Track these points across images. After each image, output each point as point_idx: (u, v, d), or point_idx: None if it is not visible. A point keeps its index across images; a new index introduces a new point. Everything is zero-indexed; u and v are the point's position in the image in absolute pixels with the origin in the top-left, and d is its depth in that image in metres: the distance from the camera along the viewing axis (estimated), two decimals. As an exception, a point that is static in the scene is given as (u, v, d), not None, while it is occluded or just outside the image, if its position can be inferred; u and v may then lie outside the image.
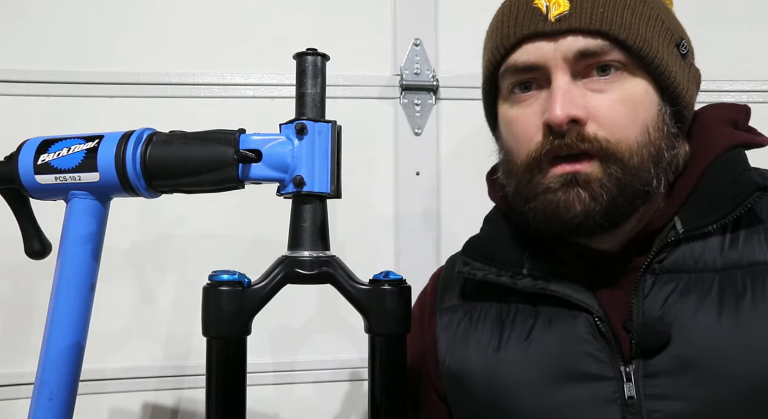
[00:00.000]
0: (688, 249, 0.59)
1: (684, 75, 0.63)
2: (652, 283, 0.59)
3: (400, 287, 0.60)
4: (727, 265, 0.58)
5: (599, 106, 0.59)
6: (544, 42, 0.59)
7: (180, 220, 1.06)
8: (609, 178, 0.58)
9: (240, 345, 0.59)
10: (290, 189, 0.61)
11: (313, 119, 0.61)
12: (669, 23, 0.63)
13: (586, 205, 0.58)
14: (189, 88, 1.08)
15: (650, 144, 0.59)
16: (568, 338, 0.61)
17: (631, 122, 0.59)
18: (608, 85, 0.59)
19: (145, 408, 1.05)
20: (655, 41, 0.60)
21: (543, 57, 0.60)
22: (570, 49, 0.59)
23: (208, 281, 0.58)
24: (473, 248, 0.70)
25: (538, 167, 0.60)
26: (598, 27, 0.58)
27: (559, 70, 0.59)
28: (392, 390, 0.61)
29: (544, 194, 0.60)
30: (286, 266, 0.60)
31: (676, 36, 0.63)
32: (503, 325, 0.66)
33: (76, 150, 0.63)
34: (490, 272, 0.66)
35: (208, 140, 0.61)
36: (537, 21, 0.60)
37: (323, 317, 1.08)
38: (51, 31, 1.06)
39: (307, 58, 0.62)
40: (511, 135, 0.64)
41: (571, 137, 0.58)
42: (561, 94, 0.58)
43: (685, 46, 0.64)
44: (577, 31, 0.58)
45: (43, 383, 0.62)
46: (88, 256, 0.64)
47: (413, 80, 1.10)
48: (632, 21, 0.59)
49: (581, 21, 0.58)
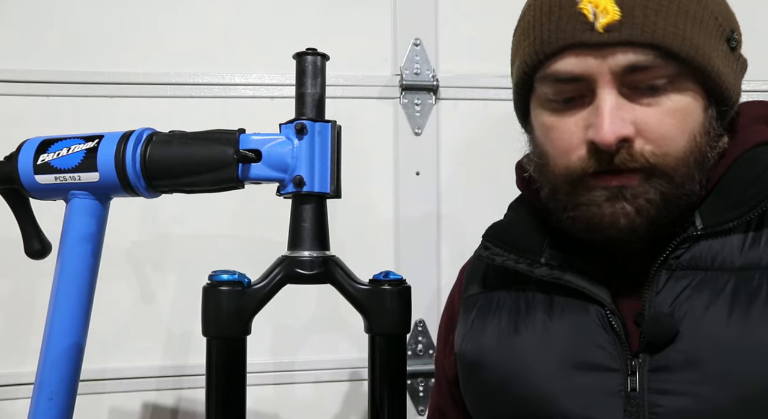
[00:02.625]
0: (706, 246, 0.57)
1: (732, 72, 0.60)
2: (666, 279, 0.58)
3: (400, 287, 0.60)
4: (745, 265, 0.56)
5: (647, 119, 0.56)
6: (590, 54, 0.55)
7: (180, 220, 1.06)
8: (655, 192, 0.56)
9: (240, 345, 0.59)
10: (290, 189, 0.61)
11: (313, 118, 0.61)
12: (721, 17, 0.58)
13: (631, 220, 0.57)
14: (189, 88, 1.08)
15: (696, 150, 0.57)
16: (580, 328, 0.61)
17: (679, 133, 0.56)
18: (656, 98, 0.56)
19: (145, 408, 1.05)
20: (708, 46, 0.56)
21: (588, 70, 0.55)
22: (620, 63, 0.54)
23: (208, 281, 0.58)
24: (494, 234, 0.69)
25: (582, 181, 0.58)
26: (650, 40, 0.53)
27: (606, 85, 0.55)
28: (392, 390, 0.61)
29: (587, 205, 0.58)
30: (286, 266, 0.60)
31: (727, 30, 0.59)
32: (518, 312, 0.66)
33: (75, 150, 0.63)
34: (509, 259, 0.65)
35: (208, 140, 0.61)
36: (583, 30, 0.54)
37: (323, 317, 1.08)
38: (51, 31, 1.06)
39: (307, 58, 0.62)
40: (549, 142, 0.61)
41: (620, 157, 0.55)
42: (609, 112, 0.54)
43: (735, 39, 0.60)
44: (629, 45, 0.54)
45: (43, 383, 0.63)
46: (88, 256, 0.64)
47: (413, 80, 1.10)
48: (686, 27, 0.54)
49: (632, 32, 0.53)
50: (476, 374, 0.68)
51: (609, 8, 0.53)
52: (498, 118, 0.75)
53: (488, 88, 1.11)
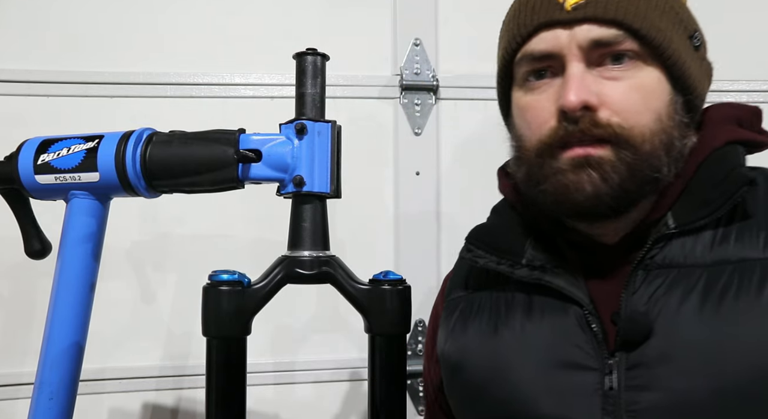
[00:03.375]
0: (679, 244, 0.60)
1: (696, 66, 0.63)
2: (643, 278, 0.59)
3: (399, 287, 0.60)
4: (716, 261, 0.58)
5: (612, 93, 0.59)
6: (560, 30, 0.60)
7: (180, 220, 1.06)
8: (620, 162, 0.59)
9: (240, 345, 0.59)
10: (290, 189, 0.61)
11: (313, 118, 0.61)
12: (683, 15, 0.63)
13: (596, 186, 0.59)
14: (189, 88, 1.08)
15: (662, 131, 0.60)
16: (559, 328, 0.62)
17: (644, 109, 0.60)
18: (622, 73, 0.60)
19: (145, 408, 1.05)
20: (669, 31, 0.60)
21: (558, 45, 0.60)
22: (585, 37, 0.59)
23: (208, 281, 0.58)
24: (477, 236, 0.71)
25: (550, 152, 0.61)
26: (612, 16, 0.59)
27: (573, 58, 0.60)
28: (392, 390, 0.61)
29: (555, 175, 0.60)
30: (286, 266, 0.60)
31: (689, 28, 0.64)
32: (499, 313, 0.67)
33: (76, 150, 0.63)
34: (491, 261, 0.67)
35: (208, 140, 0.61)
36: (554, 10, 0.61)
37: (323, 317, 1.08)
38: (51, 31, 1.06)
39: (307, 58, 0.62)
40: (524, 121, 0.65)
41: (584, 123, 0.59)
42: (575, 80, 0.59)
43: (698, 39, 0.64)
44: (593, 20, 0.59)
45: (43, 383, 0.63)
46: (88, 256, 0.64)
47: (413, 80, 1.10)
48: (647, 11, 0.59)
49: (596, 10, 0.59)
50: (458, 375, 0.68)
51: None
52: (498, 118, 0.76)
53: (488, 88, 1.10)
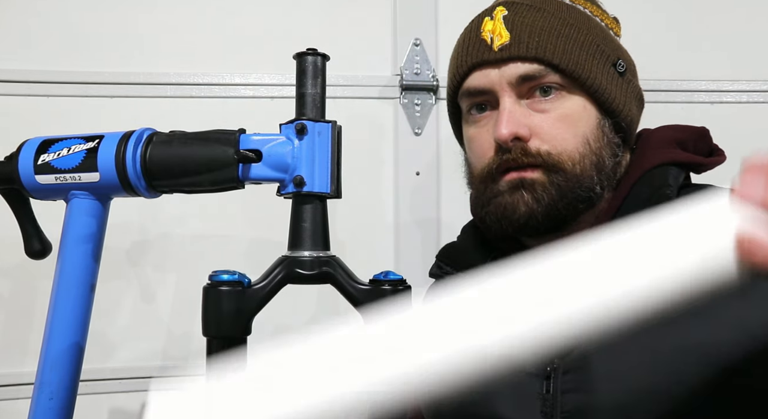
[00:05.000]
0: None
1: (621, 91, 0.70)
2: None
3: (400, 288, 0.60)
4: None
5: (541, 123, 0.66)
6: (491, 69, 0.68)
7: (180, 220, 1.06)
8: (551, 184, 0.65)
9: (240, 345, 0.59)
10: (290, 189, 0.61)
11: (313, 119, 0.61)
12: (604, 46, 0.70)
13: (529, 206, 0.66)
14: (189, 88, 1.08)
15: (591, 153, 0.67)
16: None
17: (571, 136, 0.66)
18: (549, 104, 0.67)
19: (145, 408, 1.05)
20: (589, 63, 0.67)
21: (490, 82, 0.68)
22: (513, 74, 0.67)
23: (208, 281, 0.58)
24: (446, 254, 0.79)
25: (492, 177, 0.68)
26: (534, 54, 0.66)
27: (504, 93, 0.67)
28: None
29: (495, 197, 0.68)
30: (286, 266, 0.60)
31: (612, 56, 0.70)
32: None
33: (76, 150, 0.63)
34: (456, 277, 0.73)
35: (208, 140, 0.61)
36: (483, 51, 0.68)
37: (323, 317, 1.08)
38: (51, 31, 1.06)
39: (307, 58, 0.62)
40: (471, 151, 0.73)
41: (515, 153, 0.66)
42: (506, 114, 0.66)
43: (623, 65, 0.70)
44: (517, 59, 0.66)
45: (43, 383, 0.63)
46: (88, 256, 0.64)
47: (413, 80, 1.10)
48: (566, 47, 0.67)
49: (520, 50, 0.66)
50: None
51: (503, 33, 0.67)
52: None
53: (488, 89, 1.11)
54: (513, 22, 0.68)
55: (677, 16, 1.19)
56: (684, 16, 1.19)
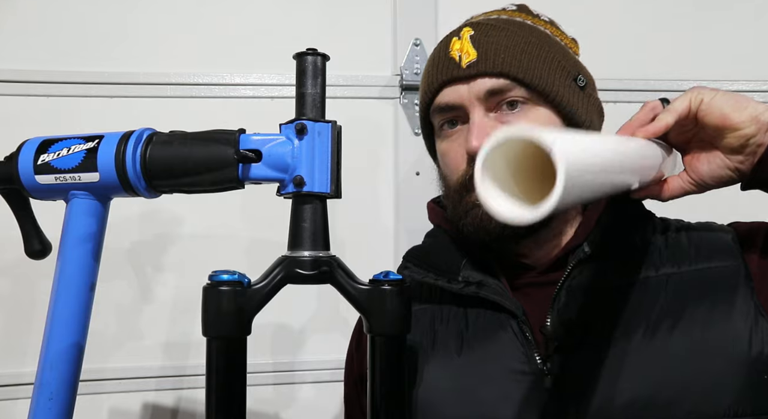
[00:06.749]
0: (595, 267, 0.70)
1: (582, 104, 0.74)
2: (565, 296, 0.69)
3: (400, 288, 0.60)
4: (623, 282, 0.70)
5: None
6: (460, 85, 0.71)
7: (180, 220, 1.06)
8: None
9: (240, 345, 0.59)
10: (290, 189, 0.61)
11: (313, 119, 0.61)
12: (565, 62, 0.73)
13: None
14: (189, 88, 1.08)
15: None
16: (497, 339, 0.71)
17: None
18: (516, 117, 0.70)
19: (145, 408, 1.05)
20: (551, 78, 0.71)
21: (460, 97, 0.71)
22: (480, 89, 0.70)
23: (208, 281, 0.58)
24: (414, 255, 0.80)
25: (466, 189, 0.71)
26: (500, 70, 0.69)
27: (474, 107, 0.70)
28: (392, 390, 0.61)
29: (471, 209, 0.70)
30: (286, 266, 0.60)
31: (573, 72, 0.74)
32: (435, 330, 0.75)
33: (76, 150, 0.63)
34: (428, 276, 0.76)
35: (208, 140, 0.61)
36: (453, 68, 0.71)
37: (323, 317, 1.08)
38: (51, 31, 1.06)
39: (307, 58, 0.62)
40: (445, 165, 0.76)
41: None
42: (476, 127, 0.69)
43: (583, 80, 0.74)
44: (484, 75, 0.70)
45: (43, 383, 0.63)
46: (88, 256, 0.64)
47: (413, 80, 1.10)
48: (529, 63, 0.70)
49: (486, 66, 0.70)
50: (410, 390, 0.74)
51: (470, 51, 0.71)
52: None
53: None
54: (479, 41, 0.71)
55: (677, 16, 1.19)
56: (684, 16, 1.19)
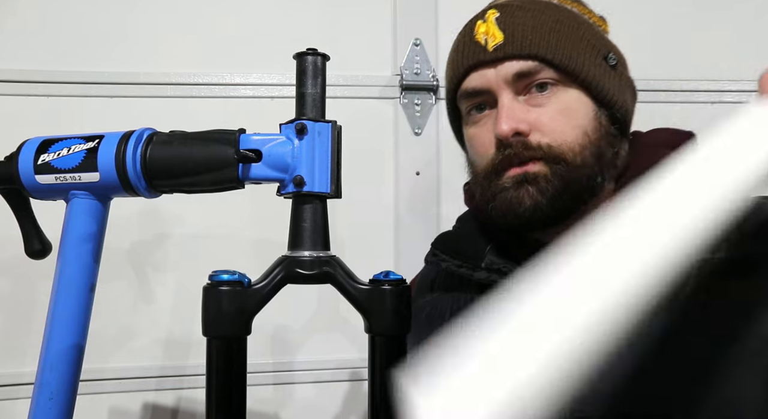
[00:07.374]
0: None
1: (614, 83, 0.71)
2: None
3: (400, 288, 0.60)
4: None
5: (540, 118, 0.68)
6: (487, 69, 0.69)
7: (180, 220, 1.06)
8: (554, 175, 0.67)
9: (240, 345, 0.59)
10: (290, 189, 0.61)
11: (313, 118, 0.61)
12: (594, 40, 0.71)
13: (534, 199, 0.66)
14: (189, 88, 1.08)
15: (590, 144, 0.68)
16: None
17: (570, 128, 0.68)
18: (546, 99, 0.68)
19: (145, 408, 1.05)
20: (581, 57, 0.69)
21: (487, 82, 0.69)
22: (508, 72, 0.68)
23: (208, 281, 0.58)
24: (441, 241, 0.80)
25: (495, 174, 0.69)
26: (528, 51, 0.68)
27: (502, 91, 0.68)
28: (392, 390, 0.61)
29: (500, 193, 0.69)
30: (286, 266, 0.60)
31: (603, 50, 0.71)
32: (459, 314, 0.73)
33: (76, 150, 0.63)
34: (452, 264, 0.75)
35: (208, 140, 0.61)
36: (479, 52, 0.70)
37: (323, 317, 1.08)
38: (51, 31, 1.06)
39: (307, 58, 0.62)
40: (473, 150, 0.74)
41: (517, 147, 0.67)
42: (505, 111, 0.67)
43: (614, 58, 0.72)
44: (512, 57, 0.68)
45: (43, 383, 0.62)
46: (88, 256, 0.64)
47: (413, 80, 1.10)
48: (558, 43, 0.68)
49: (514, 48, 0.68)
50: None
51: (496, 34, 0.69)
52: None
53: (488, 89, 1.11)
54: (505, 23, 0.69)
55: (677, 15, 1.19)
56: (684, 15, 1.19)
